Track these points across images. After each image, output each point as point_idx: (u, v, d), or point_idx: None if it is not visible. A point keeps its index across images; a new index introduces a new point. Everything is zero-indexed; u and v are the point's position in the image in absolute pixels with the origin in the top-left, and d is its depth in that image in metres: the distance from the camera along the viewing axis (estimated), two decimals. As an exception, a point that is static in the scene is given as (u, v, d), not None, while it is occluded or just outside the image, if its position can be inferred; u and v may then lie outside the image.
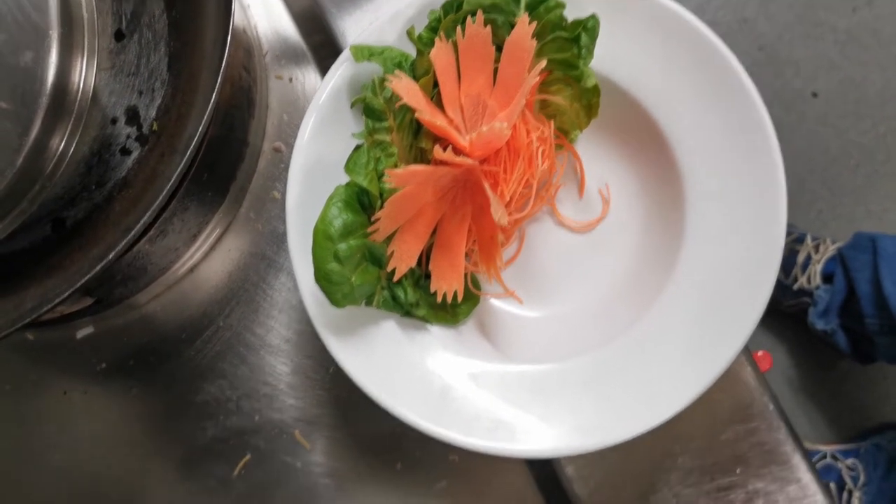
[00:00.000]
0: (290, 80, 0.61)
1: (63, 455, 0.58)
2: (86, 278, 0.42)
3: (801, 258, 1.18)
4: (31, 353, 0.59)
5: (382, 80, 0.46)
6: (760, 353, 0.55)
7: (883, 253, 1.03)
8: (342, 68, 0.49)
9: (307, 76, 0.61)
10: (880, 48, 1.34)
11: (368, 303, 0.47)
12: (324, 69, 0.61)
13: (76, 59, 0.47)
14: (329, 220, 0.44)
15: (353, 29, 0.56)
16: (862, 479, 1.12)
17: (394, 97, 0.46)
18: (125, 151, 0.50)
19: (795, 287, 1.18)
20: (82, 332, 0.58)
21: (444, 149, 0.48)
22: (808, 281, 1.16)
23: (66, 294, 0.43)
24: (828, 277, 1.14)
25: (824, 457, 1.16)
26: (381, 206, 0.45)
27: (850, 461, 1.14)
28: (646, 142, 0.50)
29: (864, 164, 1.32)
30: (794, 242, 1.21)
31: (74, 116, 0.49)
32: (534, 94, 0.49)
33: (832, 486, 1.13)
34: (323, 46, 0.60)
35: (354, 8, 0.57)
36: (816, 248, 1.17)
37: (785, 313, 1.24)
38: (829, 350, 1.21)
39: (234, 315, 0.58)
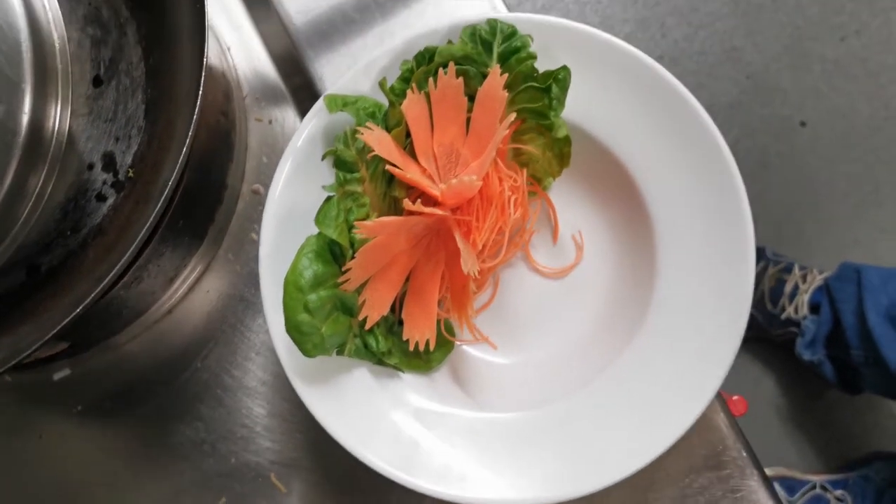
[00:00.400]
0: (270, 122, 0.61)
1: (37, 498, 0.57)
2: (57, 329, 0.43)
3: (788, 288, 1.18)
4: (8, 394, 0.59)
5: (355, 132, 0.47)
6: (736, 397, 0.55)
7: (867, 284, 1.03)
8: (316, 118, 0.49)
9: (286, 118, 0.61)
10: (868, 78, 1.35)
11: (340, 352, 0.47)
12: (303, 111, 0.61)
13: (50, 109, 0.47)
14: (299, 271, 0.44)
15: (331, 73, 0.57)
16: (850, 510, 1.12)
17: (366, 147, 0.46)
18: (101, 198, 0.50)
19: (783, 317, 1.18)
20: (59, 374, 0.58)
21: (418, 197, 0.48)
22: (796, 311, 1.16)
23: (38, 345, 0.43)
24: (815, 308, 1.14)
25: (813, 487, 1.16)
26: (353, 257, 0.45)
27: (838, 492, 1.14)
28: (618, 189, 0.50)
29: (852, 194, 1.32)
30: (781, 272, 1.22)
31: (49, 163, 0.49)
32: (506, 143, 0.50)
33: (821, 516, 1.13)
34: (302, 89, 0.60)
35: (331, 53, 0.57)
36: (804, 279, 1.18)
37: (773, 342, 1.24)
38: (817, 379, 1.21)
39: (211, 357, 0.58)
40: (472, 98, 0.48)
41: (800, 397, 1.27)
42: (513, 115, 0.46)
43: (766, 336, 1.24)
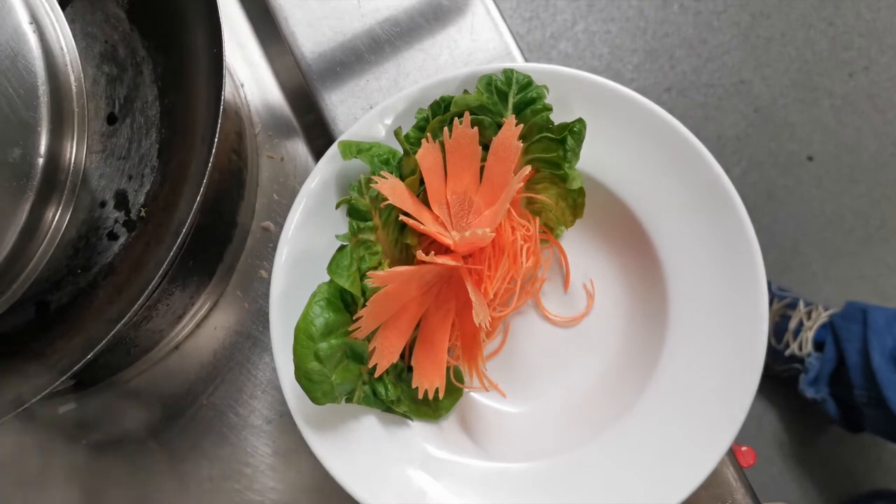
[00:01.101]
0: (282, 159, 0.61)
1: (40, 534, 0.57)
2: (67, 374, 0.42)
3: (792, 324, 1.18)
4: (13, 427, 0.58)
5: (369, 180, 0.46)
6: (744, 448, 0.54)
7: (873, 325, 1.03)
8: (330, 163, 0.49)
9: (298, 154, 0.61)
10: (876, 114, 1.35)
11: (349, 399, 0.47)
12: (314, 148, 0.61)
13: (66, 148, 0.47)
14: (310, 320, 0.44)
15: (344, 114, 0.57)
16: (852, 549, 1.11)
17: (380, 195, 0.46)
18: (112, 236, 0.50)
19: (787, 353, 1.17)
20: (64, 408, 0.58)
21: (430, 244, 0.48)
22: (800, 348, 1.16)
23: (48, 390, 0.42)
24: (819, 345, 1.14)
25: (814, 524, 1.15)
26: (364, 305, 0.45)
27: (840, 530, 1.13)
28: (630, 240, 0.50)
29: (858, 229, 1.32)
30: (786, 307, 1.21)
31: (63, 200, 0.49)
32: (520, 192, 0.50)
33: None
34: (314, 126, 0.60)
35: (345, 93, 0.57)
36: (808, 315, 1.17)
37: (776, 378, 1.23)
38: (820, 415, 1.20)
39: (217, 394, 0.58)
40: (486, 147, 0.48)
41: (802, 433, 1.26)
42: (527, 168, 0.46)
43: (769, 371, 1.23)
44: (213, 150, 0.43)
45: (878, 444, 1.24)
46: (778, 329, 1.21)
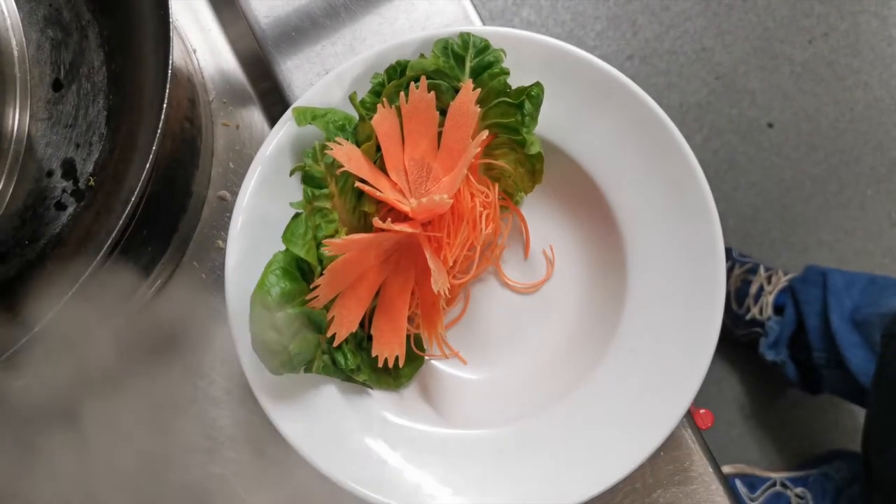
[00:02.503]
0: (237, 126, 0.60)
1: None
2: (14, 347, 0.41)
3: (753, 289, 1.19)
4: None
5: (324, 146, 0.46)
6: (703, 410, 0.55)
7: (832, 288, 1.05)
8: (285, 128, 0.48)
9: (254, 122, 0.60)
10: (835, 80, 1.36)
11: (308, 369, 0.46)
12: (271, 115, 0.60)
13: (8, 114, 0.46)
14: (266, 289, 0.43)
15: (300, 80, 0.56)
16: (810, 508, 1.14)
17: (335, 162, 0.46)
18: (60, 206, 0.49)
19: (748, 317, 1.19)
20: (16, 383, 0.56)
21: (388, 211, 0.48)
22: (760, 312, 1.17)
23: (-7, 363, 0.41)
24: (779, 309, 1.16)
25: (774, 484, 1.18)
26: (321, 273, 0.45)
27: (799, 490, 1.16)
28: (590, 206, 0.50)
29: (816, 195, 1.34)
30: (747, 273, 1.23)
31: (7, 169, 0.48)
32: (478, 158, 0.49)
33: (782, 513, 1.15)
34: (270, 93, 0.59)
35: (300, 58, 0.56)
36: (769, 280, 1.19)
37: (737, 342, 1.25)
38: (779, 378, 1.23)
39: (175, 366, 0.57)
40: (443, 112, 0.47)
41: (762, 396, 1.28)
42: (484, 133, 0.46)
43: (730, 336, 1.25)
44: (163, 117, 0.42)
45: (836, 406, 1.27)
46: (739, 294, 1.22)
